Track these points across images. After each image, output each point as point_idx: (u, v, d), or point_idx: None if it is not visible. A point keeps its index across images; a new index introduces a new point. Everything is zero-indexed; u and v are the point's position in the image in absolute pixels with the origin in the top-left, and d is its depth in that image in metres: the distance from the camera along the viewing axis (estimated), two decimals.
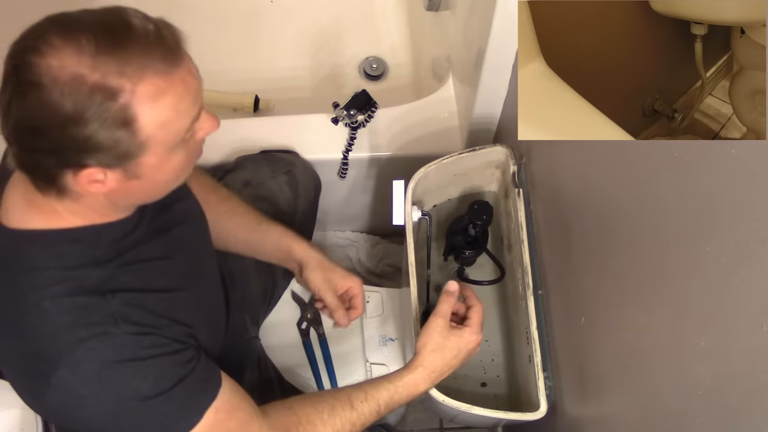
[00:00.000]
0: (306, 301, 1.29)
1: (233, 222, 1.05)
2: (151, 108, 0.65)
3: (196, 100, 0.70)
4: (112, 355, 0.72)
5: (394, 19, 1.85)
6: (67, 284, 0.72)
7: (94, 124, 0.63)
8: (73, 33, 0.63)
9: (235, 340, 1.03)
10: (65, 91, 0.62)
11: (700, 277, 0.59)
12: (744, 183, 0.52)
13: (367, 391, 0.90)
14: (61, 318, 0.71)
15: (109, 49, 0.63)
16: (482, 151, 1.15)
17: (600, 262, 0.85)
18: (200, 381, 0.78)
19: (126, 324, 0.73)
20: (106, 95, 0.63)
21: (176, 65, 0.67)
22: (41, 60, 0.62)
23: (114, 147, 0.65)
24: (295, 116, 1.40)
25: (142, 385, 0.73)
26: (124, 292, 0.74)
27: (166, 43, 0.67)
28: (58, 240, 0.73)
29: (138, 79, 0.64)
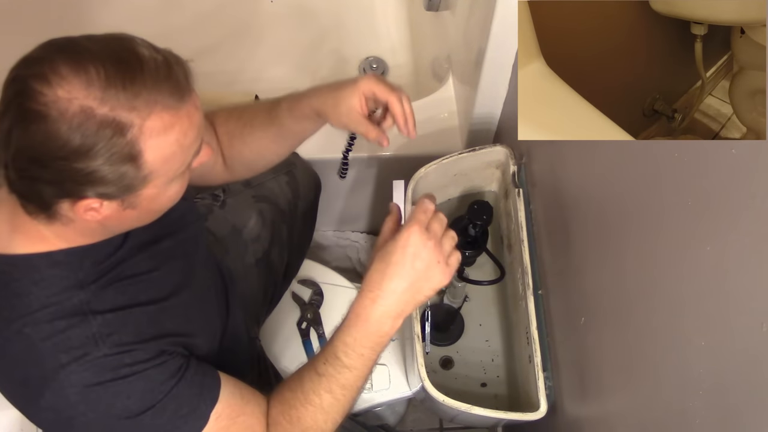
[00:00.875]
0: (306, 301, 1.29)
1: (256, 132, 0.97)
2: (158, 143, 0.65)
3: (199, 134, 0.70)
4: (92, 378, 0.72)
5: (394, 19, 1.85)
6: (48, 310, 0.71)
7: (101, 159, 0.62)
8: (82, 63, 0.61)
9: (235, 341, 1.03)
10: (73, 125, 0.60)
11: (701, 276, 0.59)
12: (744, 183, 0.52)
13: (325, 351, 0.81)
14: (43, 344, 0.71)
15: (119, 81, 0.62)
16: (482, 151, 1.15)
17: (600, 262, 0.85)
18: (193, 388, 0.77)
19: (106, 345, 0.73)
20: (116, 130, 0.62)
21: (183, 100, 0.66)
22: (48, 90, 0.60)
23: (118, 181, 0.65)
24: None
25: (128, 403, 0.73)
26: (105, 313, 0.74)
27: (175, 77, 0.66)
28: (40, 265, 0.72)
29: (147, 114, 0.63)
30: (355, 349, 0.80)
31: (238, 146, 0.98)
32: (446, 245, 0.80)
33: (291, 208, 1.26)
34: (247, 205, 1.21)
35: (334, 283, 1.32)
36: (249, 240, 1.19)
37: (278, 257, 1.23)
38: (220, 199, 1.21)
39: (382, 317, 0.79)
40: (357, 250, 1.70)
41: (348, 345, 0.80)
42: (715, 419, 0.59)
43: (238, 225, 1.19)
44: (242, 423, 0.80)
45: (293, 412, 0.81)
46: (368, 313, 0.79)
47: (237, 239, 1.18)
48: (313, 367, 0.81)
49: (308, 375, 0.81)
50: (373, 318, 0.79)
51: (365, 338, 0.79)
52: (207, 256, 0.97)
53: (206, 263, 0.96)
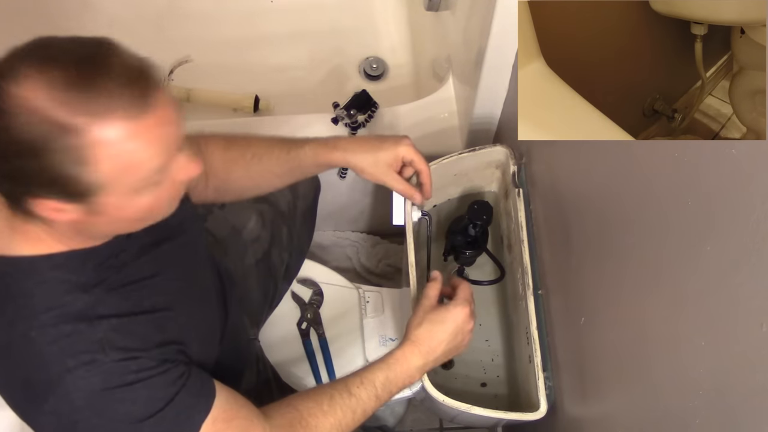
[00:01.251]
0: (306, 301, 1.29)
1: (264, 164, 1.00)
2: (113, 151, 0.63)
3: (167, 148, 0.67)
4: (100, 383, 0.72)
5: (394, 19, 1.85)
6: (52, 312, 0.71)
7: (51, 159, 0.62)
8: (49, 64, 0.61)
9: (234, 342, 1.03)
10: (27, 121, 0.60)
11: (700, 277, 0.59)
12: (744, 183, 0.52)
13: (362, 375, 0.89)
14: (49, 348, 0.71)
15: (78, 85, 0.61)
16: (482, 151, 1.15)
17: (600, 262, 0.85)
18: (192, 396, 0.78)
19: (113, 351, 0.73)
20: (67, 132, 0.61)
21: (146, 111, 0.64)
22: (15, 88, 0.60)
23: (69, 184, 0.64)
24: (295, 116, 1.41)
25: (133, 409, 0.73)
26: (111, 318, 0.74)
27: (139, 85, 0.64)
28: (41, 267, 0.72)
29: (102, 121, 0.62)
30: (389, 386, 0.90)
31: (239, 174, 0.99)
32: (473, 321, 0.96)
33: (290, 208, 1.26)
34: (247, 206, 1.21)
35: (334, 283, 1.32)
36: (249, 241, 1.19)
37: (278, 258, 1.23)
38: None
39: (420, 368, 0.92)
40: (357, 250, 1.70)
41: (388, 379, 0.90)
42: (715, 419, 0.59)
43: (237, 226, 1.19)
44: (237, 426, 0.81)
45: (312, 420, 0.84)
46: (414, 363, 0.91)
47: (237, 240, 1.17)
48: (345, 387, 0.88)
49: (338, 391, 0.87)
50: (413, 368, 0.91)
51: (401, 380, 0.90)
52: (206, 258, 0.97)
53: (205, 266, 0.96)
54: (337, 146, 0.98)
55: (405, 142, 0.98)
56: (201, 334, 0.86)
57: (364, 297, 1.30)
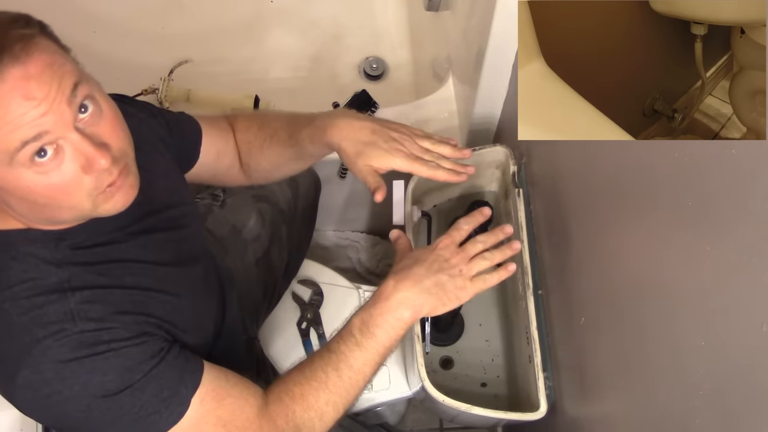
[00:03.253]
0: (306, 301, 1.29)
1: (274, 147, 0.97)
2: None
3: (25, 125, 0.61)
4: (68, 353, 0.70)
5: (394, 19, 1.85)
6: (26, 284, 0.71)
7: None
8: None
9: (232, 341, 1.03)
10: None
11: (700, 277, 0.59)
12: (744, 183, 0.52)
13: (339, 329, 0.84)
14: (20, 319, 0.70)
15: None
16: (482, 151, 1.15)
17: (600, 262, 0.85)
18: (174, 370, 0.75)
19: (84, 321, 0.71)
20: None
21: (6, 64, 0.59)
22: None
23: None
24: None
25: (104, 380, 0.71)
26: (84, 290, 0.72)
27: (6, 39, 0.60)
28: (16, 240, 0.72)
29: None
30: (370, 327, 0.82)
31: (257, 156, 0.99)
32: (474, 265, 0.86)
33: (291, 207, 1.26)
34: (247, 205, 1.21)
35: (334, 283, 1.32)
36: (249, 240, 1.19)
37: (278, 257, 1.23)
38: (219, 199, 1.21)
39: (402, 301, 0.82)
40: (357, 250, 1.70)
41: (364, 322, 0.82)
42: (715, 419, 0.59)
43: (237, 225, 1.19)
44: (230, 405, 0.78)
45: (297, 389, 0.81)
46: (389, 293, 0.82)
47: (237, 239, 1.17)
48: (326, 347, 0.83)
49: (319, 353, 0.83)
50: (393, 298, 0.82)
51: (381, 317, 0.82)
52: (204, 256, 0.96)
53: (201, 260, 0.94)
54: (328, 127, 0.90)
55: (401, 155, 0.88)
56: (189, 322, 0.83)
57: (364, 297, 1.30)
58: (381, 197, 0.89)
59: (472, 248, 0.88)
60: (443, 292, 0.84)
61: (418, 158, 0.90)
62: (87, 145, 0.65)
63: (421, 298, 0.83)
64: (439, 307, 0.84)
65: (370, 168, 0.89)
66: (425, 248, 0.88)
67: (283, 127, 0.96)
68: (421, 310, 0.83)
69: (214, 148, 0.96)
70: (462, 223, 0.90)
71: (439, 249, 0.86)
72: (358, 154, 0.89)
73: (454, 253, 0.86)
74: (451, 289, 0.84)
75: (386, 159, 0.88)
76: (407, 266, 0.85)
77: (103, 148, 0.66)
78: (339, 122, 0.91)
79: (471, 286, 0.85)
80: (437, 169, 0.90)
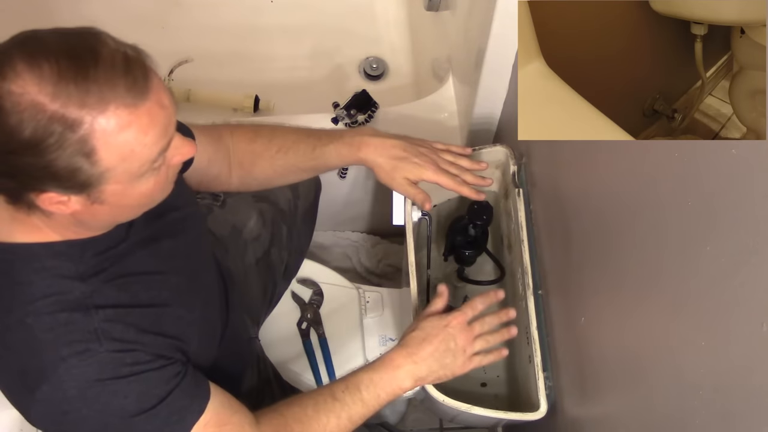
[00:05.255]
0: (306, 301, 1.29)
1: (289, 158, 1.02)
2: (113, 140, 0.63)
3: (164, 132, 0.68)
4: (93, 374, 0.72)
5: (394, 19, 1.85)
6: (49, 299, 0.71)
7: (52, 154, 0.62)
8: (37, 59, 0.61)
9: (235, 341, 1.03)
10: (24, 118, 0.60)
11: (700, 277, 0.59)
12: (744, 183, 0.52)
13: (348, 379, 0.89)
14: (44, 335, 0.71)
15: (71, 77, 0.61)
16: (482, 151, 1.15)
17: (600, 262, 0.85)
18: (186, 397, 0.78)
19: (108, 341, 0.72)
20: (66, 126, 0.61)
21: (143, 98, 0.64)
22: (3, 84, 0.60)
23: (72, 176, 0.64)
24: (296, 116, 1.40)
25: (125, 403, 0.73)
26: (107, 308, 0.73)
27: (133, 73, 0.64)
28: (40, 254, 0.72)
29: (99, 111, 0.62)
30: (375, 389, 0.89)
31: (263, 166, 1.01)
32: (477, 345, 0.95)
33: (291, 207, 1.26)
34: (247, 205, 1.21)
35: (334, 283, 1.32)
36: (249, 240, 1.19)
37: (278, 257, 1.23)
38: (220, 199, 1.21)
39: (408, 373, 0.91)
40: (357, 250, 1.70)
41: (372, 382, 0.89)
42: (715, 419, 0.59)
43: (238, 225, 1.19)
44: (230, 430, 0.81)
45: (296, 427, 0.85)
46: (399, 364, 0.90)
47: (237, 239, 1.17)
48: (330, 391, 0.88)
49: (323, 396, 0.88)
50: (401, 369, 0.90)
51: (387, 384, 0.90)
52: (209, 258, 0.97)
53: (208, 265, 0.96)
54: (361, 147, 1.01)
55: (432, 169, 1.00)
56: (201, 333, 0.86)
57: (364, 297, 1.30)
58: (429, 206, 1.02)
59: (479, 328, 0.95)
60: (444, 370, 0.93)
61: (445, 171, 1.01)
62: (185, 141, 0.72)
63: (425, 373, 0.92)
64: (437, 380, 0.94)
65: (407, 180, 1.00)
66: (439, 321, 0.93)
67: (303, 140, 1.02)
68: (422, 382, 0.92)
69: (205, 156, 0.97)
70: (477, 303, 0.97)
71: (450, 327, 0.93)
72: (394, 169, 1.00)
73: (462, 331, 0.93)
74: (451, 367, 0.93)
75: (419, 171, 1.00)
76: (419, 341, 0.92)
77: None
78: (372, 141, 1.01)
79: (468, 364, 0.95)
80: (462, 186, 1.02)
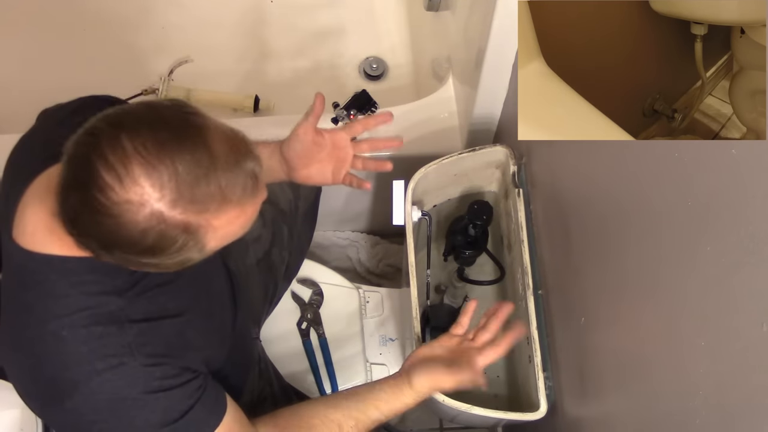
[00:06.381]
0: (306, 301, 1.29)
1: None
2: (223, 233, 0.67)
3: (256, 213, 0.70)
4: (125, 388, 0.73)
5: (394, 19, 1.85)
6: (85, 313, 0.72)
7: (170, 256, 0.64)
8: (154, 163, 0.60)
9: (242, 341, 1.04)
10: (146, 228, 0.61)
11: (700, 277, 0.59)
12: (744, 183, 0.52)
13: (356, 416, 0.89)
14: (78, 348, 0.72)
15: (192, 184, 0.61)
16: (482, 151, 1.15)
17: (600, 262, 0.85)
18: (205, 411, 0.79)
19: (141, 356, 0.74)
20: (187, 232, 0.63)
21: (255, 195, 0.67)
22: (120, 189, 0.59)
23: (177, 266, 0.67)
24: (295, 116, 1.40)
25: (151, 416, 0.75)
26: (140, 322, 0.75)
27: (245, 171, 0.65)
28: (77, 268, 0.72)
29: (218, 215, 0.64)
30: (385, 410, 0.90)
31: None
32: (486, 358, 0.94)
33: (292, 208, 1.26)
34: None
35: (334, 283, 1.32)
36: (250, 240, 1.19)
37: (278, 257, 1.23)
38: None
39: (430, 390, 0.92)
40: (357, 250, 1.70)
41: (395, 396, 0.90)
42: (715, 419, 0.59)
43: None
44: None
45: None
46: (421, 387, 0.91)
47: (238, 240, 1.17)
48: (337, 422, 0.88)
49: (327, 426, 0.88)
50: (422, 393, 0.92)
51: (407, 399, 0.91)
52: (218, 263, 0.98)
53: (218, 270, 0.97)
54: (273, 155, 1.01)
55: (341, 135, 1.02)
56: (214, 337, 0.87)
57: (364, 297, 1.30)
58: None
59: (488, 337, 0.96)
60: (455, 382, 0.93)
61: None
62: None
63: (441, 388, 0.93)
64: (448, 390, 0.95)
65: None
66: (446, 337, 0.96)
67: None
68: (435, 393, 0.94)
69: None
70: (491, 324, 0.97)
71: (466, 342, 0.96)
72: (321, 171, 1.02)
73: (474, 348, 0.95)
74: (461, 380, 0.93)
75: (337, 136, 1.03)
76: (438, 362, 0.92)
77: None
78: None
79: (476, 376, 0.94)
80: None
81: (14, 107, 1.28)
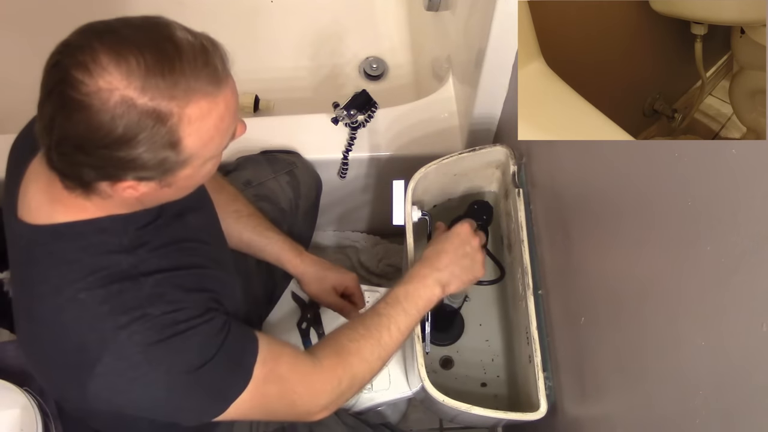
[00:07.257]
0: (306, 301, 1.29)
1: (239, 224, 1.08)
2: (197, 128, 0.67)
3: (235, 117, 0.72)
4: (154, 336, 0.73)
5: (394, 19, 1.85)
6: (100, 274, 0.73)
7: (142, 147, 0.65)
8: (122, 52, 0.63)
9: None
10: (115, 115, 0.62)
11: (700, 276, 0.59)
12: (744, 183, 0.52)
13: (384, 297, 0.94)
14: (100, 308, 0.72)
15: (158, 71, 0.63)
16: (482, 151, 1.15)
17: (600, 262, 0.85)
18: (238, 341, 0.80)
19: (162, 303, 0.75)
20: (156, 119, 0.64)
21: (221, 86, 0.68)
22: (90, 80, 0.62)
23: (158, 166, 0.67)
24: (295, 116, 1.40)
25: (188, 357, 0.75)
26: (155, 274, 0.76)
27: (213, 63, 0.68)
28: (85, 231, 0.74)
29: (186, 103, 0.65)
30: (413, 298, 0.93)
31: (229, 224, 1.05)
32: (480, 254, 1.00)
33: (292, 207, 1.26)
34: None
35: None
36: None
37: None
38: None
39: (435, 281, 0.95)
40: (357, 250, 1.70)
41: (408, 293, 0.93)
42: (715, 419, 0.59)
43: None
44: (286, 362, 0.84)
45: (352, 345, 0.88)
46: (424, 274, 0.95)
47: None
48: (373, 311, 0.92)
49: (369, 315, 0.92)
50: (429, 278, 0.95)
51: (417, 294, 0.94)
52: (225, 240, 0.99)
53: (226, 247, 0.99)
54: (298, 256, 1.11)
55: (353, 275, 1.13)
56: (231, 299, 0.88)
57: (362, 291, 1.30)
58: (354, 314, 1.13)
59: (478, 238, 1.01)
60: (465, 273, 0.97)
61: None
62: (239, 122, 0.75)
63: (448, 278, 0.96)
64: (461, 285, 0.98)
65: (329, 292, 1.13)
66: (449, 233, 1.00)
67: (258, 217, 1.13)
68: (448, 287, 0.96)
69: None
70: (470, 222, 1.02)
71: (461, 234, 0.99)
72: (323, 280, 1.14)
73: (472, 235, 0.99)
74: (471, 269, 0.98)
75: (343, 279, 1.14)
76: (437, 252, 0.97)
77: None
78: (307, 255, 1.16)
79: (482, 266, 1.00)
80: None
81: (14, 107, 1.28)
